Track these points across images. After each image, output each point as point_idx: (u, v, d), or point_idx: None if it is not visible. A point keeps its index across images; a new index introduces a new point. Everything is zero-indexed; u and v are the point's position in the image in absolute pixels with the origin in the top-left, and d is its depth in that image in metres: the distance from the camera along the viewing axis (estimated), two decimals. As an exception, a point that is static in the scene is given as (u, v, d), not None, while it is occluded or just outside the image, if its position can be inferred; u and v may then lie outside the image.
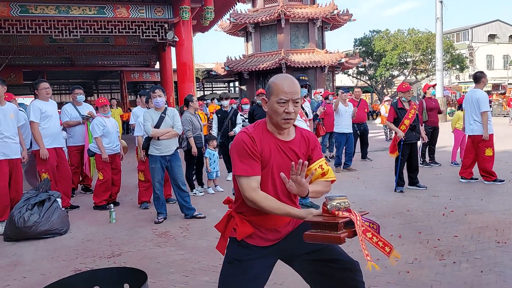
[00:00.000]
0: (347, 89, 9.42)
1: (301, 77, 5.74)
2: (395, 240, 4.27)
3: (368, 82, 30.80)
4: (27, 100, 19.28)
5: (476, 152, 6.77)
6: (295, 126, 2.09)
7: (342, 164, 8.66)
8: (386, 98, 14.83)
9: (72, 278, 2.13)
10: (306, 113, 5.79)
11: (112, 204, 5.73)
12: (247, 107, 9.03)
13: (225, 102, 7.92)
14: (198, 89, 28.84)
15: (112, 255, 4.22)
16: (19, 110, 6.05)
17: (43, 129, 5.81)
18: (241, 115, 8.85)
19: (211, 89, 37.89)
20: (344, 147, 8.67)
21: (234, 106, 9.54)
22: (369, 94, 34.80)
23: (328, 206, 1.87)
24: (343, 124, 8.52)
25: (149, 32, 11.98)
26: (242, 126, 8.56)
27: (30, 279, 3.70)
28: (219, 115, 7.86)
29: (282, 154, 1.98)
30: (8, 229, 4.78)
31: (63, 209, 5.29)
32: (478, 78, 6.84)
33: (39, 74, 21.54)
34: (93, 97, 31.10)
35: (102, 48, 17.97)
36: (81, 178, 7.37)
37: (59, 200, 5.11)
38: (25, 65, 20.51)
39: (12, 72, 19.53)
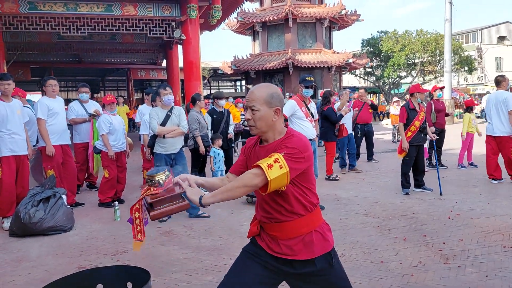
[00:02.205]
0: (354, 88, 9.44)
1: (307, 78, 5.72)
2: (400, 243, 4.24)
3: (376, 83, 30.66)
4: (34, 96, 19.45)
5: (503, 153, 6.85)
6: (290, 133, 2.00)
7: (347, 165, 8.64)
8: (395, 98, 14.76)
9: (76, 276, 2.14)
10: (311, 114, 5.76)
11: (117, 202, 5.74)
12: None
13: (222, 102, 7.64)
14: (205, 87, 28.89)
15: (116, 252, 4.24)
16: (25, 106, 6.09)
17: (49, 126, 5.83)
18: (242, 114, 8.78)
19: (217, 87, 37.92)
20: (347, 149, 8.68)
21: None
22: (376, 95, 34.64)
23: (158, 181, 1.97)
24: (346, 125, 8.47)
25: (156, 30, 12.01)
26: (243, 125, 8.52)
27: (34, 275, 3.72)
28: (214, 116, 7.38)
29: (255, 158, 2.03)
30: (13, 225, 4.81)
31: (68, 206, 5.32)
32: (499, 81, 7.02)
33: (47, 71, 21.68)
34: (100, 95, 31.26)
35: (109, 45, 18.05)
36: (86, 175, 7.41)
37: (64, 197, 5.13)
38: (33, 62, 20.63)
39: (20, 68, 19.63)
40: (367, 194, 6.47)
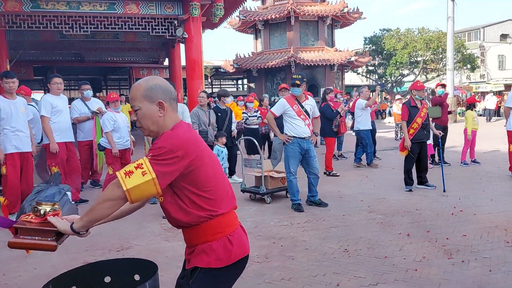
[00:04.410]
0: (383, 84, 9.69)
1: (293, 76, 5.66)
2: (404, 239, 4.26)
3: (378, 81, 30.62)
4: (36, 95, 19.48)
5: None
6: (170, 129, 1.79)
7: (355, 158, 8.92)
8: (398, 96, 14.76)
9: (83, 268, 2.17)
10: (306, 111, 5.61)
11: (121, 199, 5.75)
12: (251, 105, 9.00)
13: (228, 100, 7.75)
14: (207, 86, 28.89)
15: (121, 248, 4.26)
16: (29, 104, 6.12)
17: (53, 123, 5.86)
18: (244, 113, 8.81)
19: (219, 86, 37.92)
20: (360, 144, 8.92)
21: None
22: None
23: (41, 211, 1.79)
24: (367, 120, 8.69)
25: (158, 29, 12.02)
26: (245, 123, 8.55)
27: (40, 270, 3.75)
28: (218, 114, 7.39)
29: None
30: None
31: (73, 202, 5.34)
32: None
33: (49, 70, 21.72)
34: (102, 93, 31.29)
35: (112, 44, 18.06)
36: (91, 173, 7.43)
37: (69, 193, 5.11)
38: (36, 61, 20.65)
39: (22, 67, 19.66)
40: (370, 191, 6.48)
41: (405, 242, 4.17)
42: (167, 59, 20.05)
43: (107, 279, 2.15)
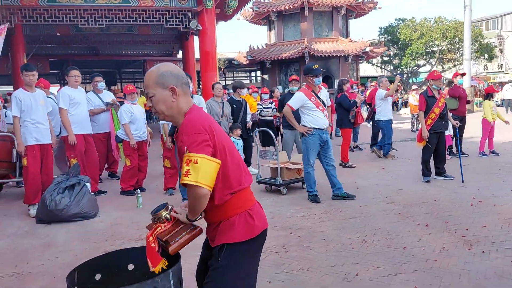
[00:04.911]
0: (402, 73, 9.62)
1: (313, 66, 5.53)
2: (422, 229, 4.23)
3: (393, 72, 30.23)
4: (53, 89, 19.74)
5: None
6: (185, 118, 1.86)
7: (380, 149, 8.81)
8: (414, 87, 14.57)
9: (108, 256, 2.20)
10: (322, 102, 5.58)
11: (139, 190, 5.83)
12: (266, 96, 8.99)
13: (244, 91, 7.82)
14: (220, 78, 28.88)
15: (140, 238, 4.32)
16: (48, 97, 6.20)
17: (71, 115, 5.93)
18: (259, 104, 8.84)
19: (232, 78, 37.90)
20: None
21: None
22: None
23: (165, 217, 1.95)
24: (387, 110, 8.62)
25: (172, 21, 12.04)
26: (260, 115, 8.57)
27: (62, 259, 3.82)
28: (234, 106, 7.43)
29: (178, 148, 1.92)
30: (40, 211, 4.94)
31: (92, 193, 5.43)
32: None
33: (65, 64, 21.96)
34: (117, 86, 31.55)
35: (126, 37, 18.18)
36: (107, 165, 7.51)
37: (88, 184, 5.23)
38: (52, 55, 20.90)
39: (39, 61, 19.88)
40: (387, 182, 6.44)
41: (424, 232, 4.14)
42: (180, 52, 20.10)
43: (130, 267, 2.19)
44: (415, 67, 29.13)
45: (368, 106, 11.21)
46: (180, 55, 21.23)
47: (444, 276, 3.17)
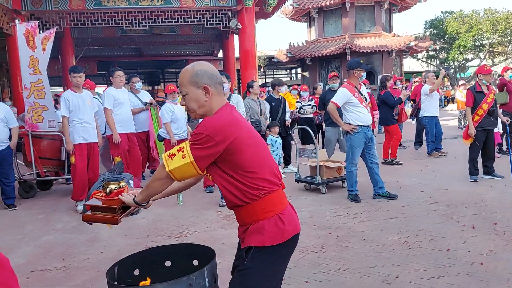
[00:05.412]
0: (448, 67, 9.26)
1: (360, 61, 5.44)
2: (468, 231, 4.05)
3: (439, 66, 29.15)
4: (100, 89, 20.53)
5: None
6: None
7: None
8: (461, 82, 13.98)
9: (146, 253, 2.26)
10: (365, 98, 5.46)
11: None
12: (305, 94, 8.90)
13: (282, 89, 7.77)
14: (260, 76, 29.00)
15: (180, 234, 4.41)
16: (94, 97, 6.45)
17: (115, 115, 6.13)
18: (298, 101, 8.79)
19: (272, 76, 37.88)
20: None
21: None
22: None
23: (107, 190, 2.07)
24: (431, 107, 8.34)
25: (213, 21, 12.22)
26: (299, 112, 8.53)
27: (106, 254, 3.97)
28: (272, 104, 7.38)
29: None
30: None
31: (135, 190, 5.59)
32: None
33: (111, 65, 22.80)
34: (160, 86, 32.35)
35: (168, 38, 18.63)
36: (148, 164, 7.71)
37: (131, 182, 5.35)
38: (98, 56, 21.78)
39: (87, 63, 20.80)
40: (431, 182, 6.22)
41: (470, 234, 3.96)
42: (221, 51, 20.35)
43: (168, 263, 2.24)
44: (463, 62, 27.96)
45: (412, 103, 10.87)
46: (220, 54, 21.50)
47: (491, 281, 3.02)
